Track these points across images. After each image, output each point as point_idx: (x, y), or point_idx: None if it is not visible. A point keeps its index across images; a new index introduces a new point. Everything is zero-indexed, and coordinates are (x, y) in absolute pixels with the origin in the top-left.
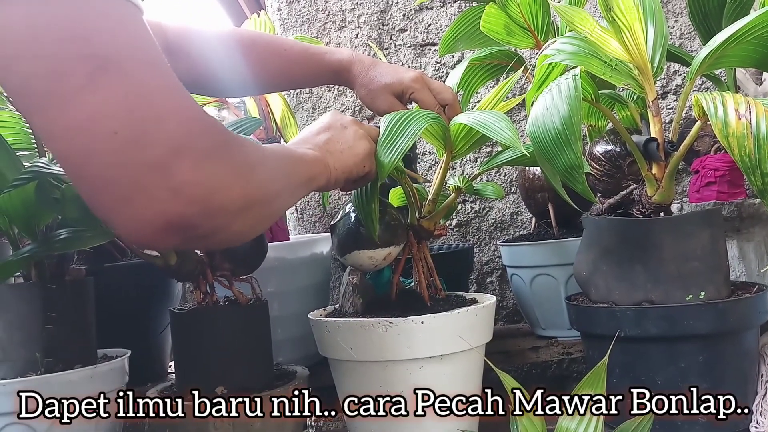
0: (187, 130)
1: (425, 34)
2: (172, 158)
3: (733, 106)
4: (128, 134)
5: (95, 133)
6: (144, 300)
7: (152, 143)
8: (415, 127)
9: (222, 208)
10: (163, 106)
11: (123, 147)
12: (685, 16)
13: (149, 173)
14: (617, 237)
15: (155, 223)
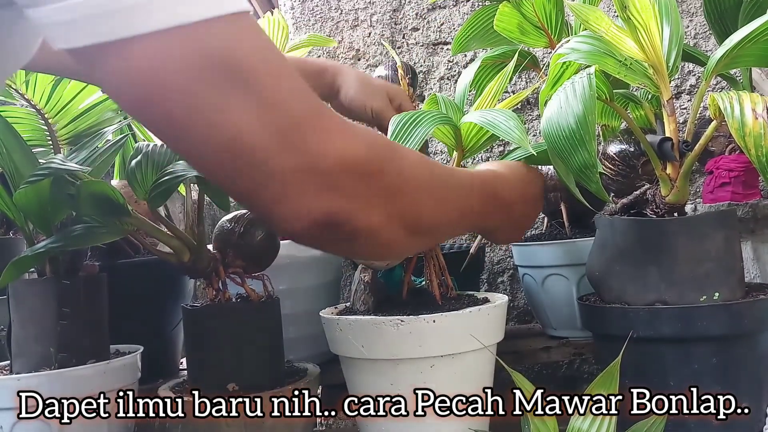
0: (325, 138)
1: (438, 33)
2: (310, 163)
3: (750, 106)
4: (268, 145)
5: (239, 150)
6: (156, 296)
7: (294, 150)
8: (424, 129)
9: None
10: (298, 114)
11: (265, 157)
12: (699, 16)
13: (293, 176)
14: (631, 237)
15: (306, 218)
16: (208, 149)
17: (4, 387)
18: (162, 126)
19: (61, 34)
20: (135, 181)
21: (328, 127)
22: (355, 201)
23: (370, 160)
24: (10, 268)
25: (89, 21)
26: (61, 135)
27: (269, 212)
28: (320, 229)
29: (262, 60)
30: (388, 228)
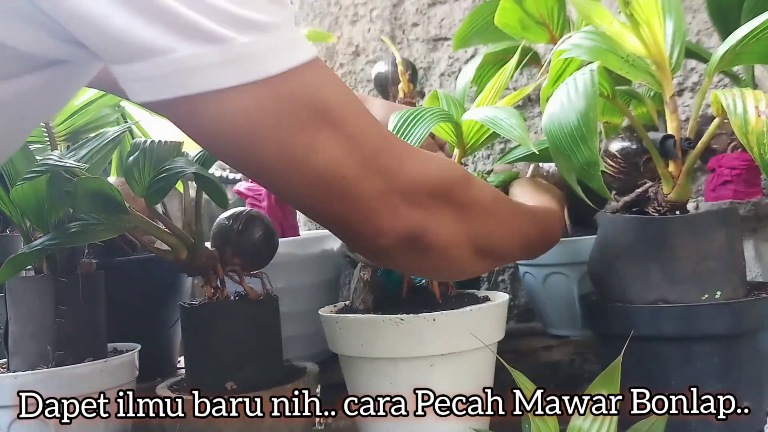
0: (400, 162)
1: (438, 29)
2: (393, 184)
3: (752, 103)
4: (353, 173)
5: (330, 181)
6: (154, 294)
7: (377, 176)
8: (425, 126)
9: (440, 225)
10: (375, 143)
11: (352, 185)
12: (702, 12)
13: (378, 200)
14: (632, 235)
15: (387, 234)
16: (302, 185)
17: (0, 385)
18: (257, 169)
19: (151, 87)
20: (132, 178)
21: (401, 152)
22: (431, 216)
23: (442, 180)
24: (7, 266)
25: (181, 75)
26: (58, 131)
27: (358, 233)
28: (402, 243)
29: (341, 100)
30: (458, 245)
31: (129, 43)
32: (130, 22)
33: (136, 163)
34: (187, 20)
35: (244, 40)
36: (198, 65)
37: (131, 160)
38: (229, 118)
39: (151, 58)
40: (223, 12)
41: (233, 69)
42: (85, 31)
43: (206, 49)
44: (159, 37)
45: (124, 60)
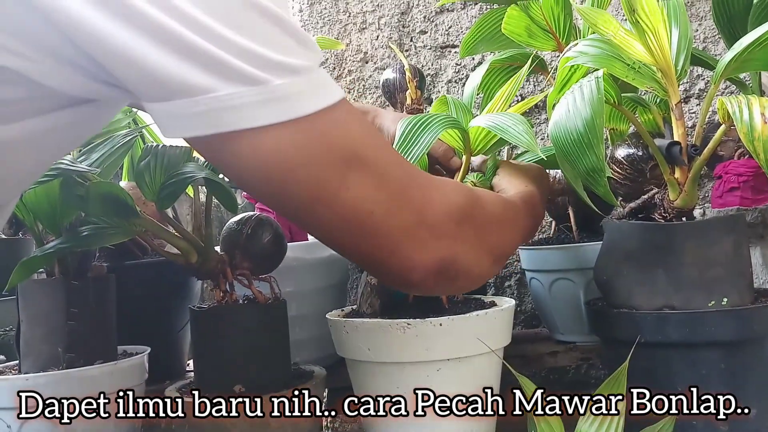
0: (424, 193)
1: (446, 36)
2: (420, 216)
3: (759, 110)
4: (382, 209)
5: (357, 218)
6: (164, 298)
7: (404, 210)
8: (432, 133)
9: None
10: (401, 178)
11: (380, 220)
12: (708, 20)
13: (406, 233)
14: (639, 241)
15: (417, 266)
16: (332, 222)
17: (12, 387)
18: (288, 206)
19: (188, 124)
20: (144, 182)
21: (423, 183)
22: (457, 243)
23: (463, 206)
24: (20, 269)
25: (219, 113)
26: None
27: (388, 268)
28: (433, 275)
29: (368, 138)
30: (481, 262)
31: (168, 82)
32: (170, 62)
33: (147, 167)
34: (226, 63)
35: (279, 81)
36: (236, 104)
37: (142, 165)
38: (263, 155)
39: (190, 96)
40: (258, 56)
41: (269, 108)
42: (124, 70)
43: (244, 89)
44: (199, 77)
45: (161, 98)
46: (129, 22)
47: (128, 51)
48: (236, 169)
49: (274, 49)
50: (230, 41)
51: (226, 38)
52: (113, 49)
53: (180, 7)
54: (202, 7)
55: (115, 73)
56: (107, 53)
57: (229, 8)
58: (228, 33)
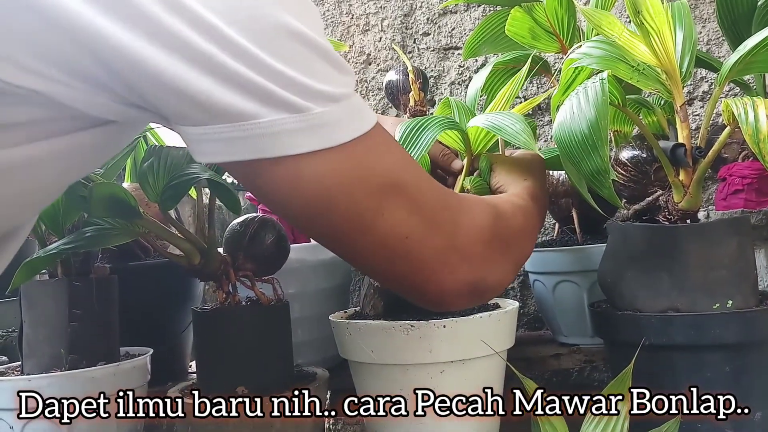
0: (455, 216)
1: (449, 38)
2: (451, 241)
3: (764, 112)
4: (416, 233)
5: (392, 244)
6: (166, 299)
7: (437, 234)
8: (431, 134)
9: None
10: (434, 201)
11: (415, 245)
12: (713, 22)
13: (440, 257)
14: (643, 243)
15: (450, 289)
16: (368, 247)
17: (14, 388)
18: (325, 232)
19: (229, 149)
20: (147, 183)
21: (454, 206)
22: (486, 265)
23: (490, 226)
24: (23, 269)
25: (261, 139)
26: None
27: (422, 291)
28: (465, 296)
29: (402, 163)
30: (508, 275)
31: (210, 108)
32: (212, 88)
33: (151, 168)
34: (268, 90)
35: (320, 109)
36: (277, 131)
37: (145, 166)
38: (303, 181)
39: (231, 122)
40: (300, 84)
41: (310, 136)
42: (162, 96)
43: (286, 116)
44: (241, 103)
45: (200, 123)
46: (172, 48)
47: (169, 77)
48: (274, 196)
49: (315, 77)
50: (273, 69)
51: (269, 66)
52: (153, 75)
53: (224, 34)
54: (245, 34)
55: (151, 97)
56: (146, 79)
57: (271, 36)
58: (270, 61)
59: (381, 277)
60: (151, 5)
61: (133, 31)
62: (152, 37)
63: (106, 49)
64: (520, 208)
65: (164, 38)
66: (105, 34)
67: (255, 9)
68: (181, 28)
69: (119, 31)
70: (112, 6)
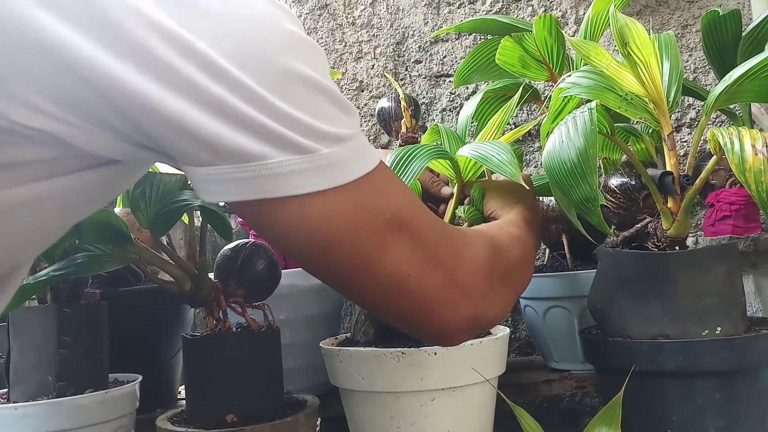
0: (455, 252)
1: (440, 66)
2: (452, 277)
3: (749, 142)
4: (417, 271)
5: (394, 282)
6: (156, 325)
7: (438, 270)
8: (420, 163)
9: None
10: (435, 239)
11: (416, 282)
12: (699, 51)
13: (440, 293)
14: (632, 270)
15: (452, 326)
16: (370, 284)
17: (0, 416)
18: (329, 270)
19: (236, 189)
20: (139, 209)
21: (456, 242)
22: (486, 299)
23: (489, 260)
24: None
25: (268, 179)
26: None
27: (424, 327)
28: (465, 331)
29: (406, 200)
30: (506, 307)
31: (220, 148)
32: (221, 130)
33: (143, 195)
34: (276, 132)
35: (327, 150)
36: (285, 171)
37: (138, 192)
38: (309, 220)
39: (241, 162)
40: (307, 126)
41: (317, 176)
42: (170, 136)
43: (293, 157)
44: (251, 144)
45: (207, 163)
46: (183, 91)
47: (179, 119)
48: (280, 235)
49: (322, 119)
50: (281, 111)
51: (278, 108)
52: (164, 117)
53: (234, 77)
54: (254, 78)
55: (160, 138)
56: (156, 120)
57: (279, 80)
58: (279, 103)
59: (382, 314)
60: (163, 50)
61: (145, 74)
62: (163, 81)
63: (118, 92)
64: (516, 238)
65: (175, 81)
66: (117, 77)
67: (264, 53)
68: (191, 71)
69: (131, 74)
70: (125, 50)
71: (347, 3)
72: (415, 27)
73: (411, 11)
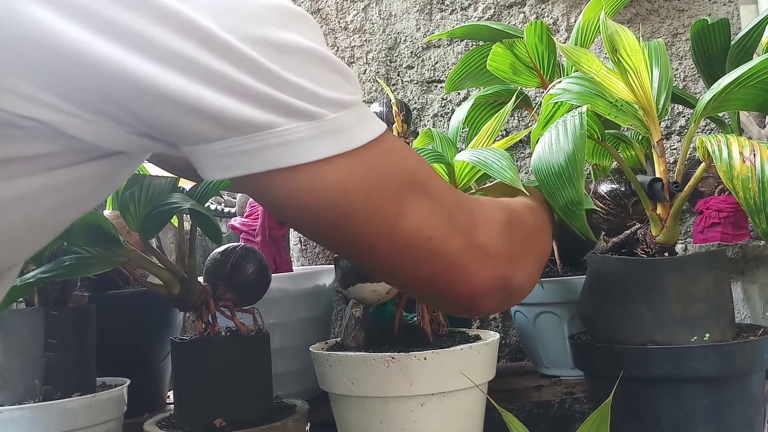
0: (472, 215)
1: (432, 72)
2: (472, 239)
3: (737, 149)
4: (439, 233)
5: (415, 246)
6: (145, 329)
7: (458, 233)
8: None
9: (518, 266)
10: (451, 202)
11: (439, 245)
12: (688, 59)
13: (465, 255)
14: (621, 276)
15: (481, 287)
16: (390, 251)
17: None
18: (346, 240)
19: (246, 161)
20: (128, 212)
21: (470, 205)
22: (511, 262)
23: (505, 222)
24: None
25: (279, 148)
26: None
27: (453, 293)
28: (496, 295)
29: (418, 164)
30: (532, 275)
31: (226, 121)
32: (227, 102)
33: (132, 197)
34: (282, 100)
35: (333, 115)
36: (294, 139)
37: (127, 195)
38: (322, 189)
39: (248, 133)
40: (312, 93)
41: (326, 142)
42: (175, 116)
43: (301, 124)
44: (256, 114)
45: (215, 138)
46: (180, 68)
47: (179, 96)
48: (292, 207)
49: (325, 86)
50: (284, 80)
51: (281, 77)
52: (164, 97)
53: (235, 50)
54: (255, 50)
55: (160, 120)
56: (156, 101)
57: (280, 51)
58: (282, 72)
59: (406, 283)
60: (161, 32)
61: (144, 57)
62: (162, 61)
63: (113, 76)
64: (528, 206)
65: (174, 60)
66: (112, 62)
67: (263, 28)
68: (190, 48)
69: (128, 57)
70: (119, 34)
71: (339, 8)
72: (407, 32)
73: (403, 17)
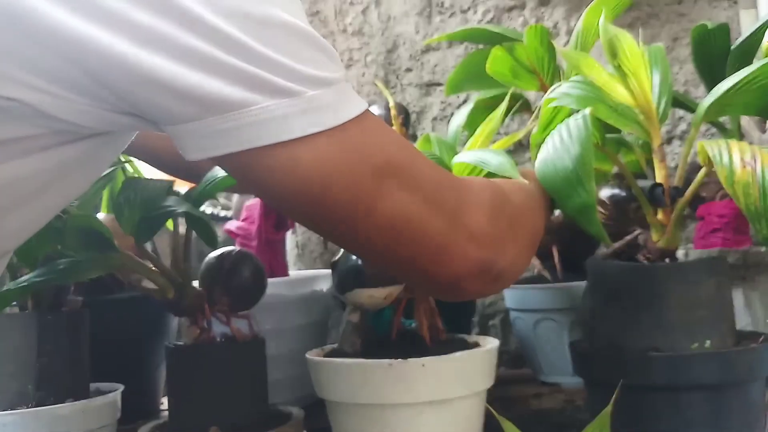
0: (456, 195)
1: (431, 74)
2: (455, 220)
3: (738, 154)
4: (419, 214)
5: (395, 227)
6: (139, 334)
7: (440, 214)
8: None
9: (504, 248)
10: (433, 180)
11: (420, 226)
12: (689, 64)
13: (446, 236)
14: (622, 282)
15: (463, 269)
16: (370, 232)
17: None
18: (325, 220)
19: (224, 141)
20: (122, 215)
21: (455, 185)
22: (495, 245)
23: (493, 201)
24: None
25: (256, 126)
26: None
27: (434, 276)
28: (477, 278)
29: (398, 145)
30: (519, 259)
31: (202, 99)
32: (201, 79)
33: (127, 200)
34: (260, 77)
35: (312, 93)
36: (271, 117)
37: (122, 198)
38: (300, 167)
39: (225, 111)
40: (291, 70)
41: (304, 119)
42: (149, 94)
43: (278, 101)
44: (234, 92)
45: (192, 117)
46: (153, 45)
47: (156, 75)
48: (271, 186)
49: (305, 63)
50: (262, 56)
51: (259, 53)
52: (138, 74)
53: (211, 25)
54: (232, 24)
55: (137, 98)
56: (130, 79)
57: (258, 26)
58: (260, 48)
59: (387, 263)
60: (131, 7)
61: (116, 34)
62: (135, 38)
63: (88, 53)
64: (519, 186)
65: (147, 37)
66: (85, 39)
67: (240, 1)
68: (163, 25)
69: (103, 35)
70: (95, 13)
71: (339, 10)
72: (406, 35)
73: (403, 20)
